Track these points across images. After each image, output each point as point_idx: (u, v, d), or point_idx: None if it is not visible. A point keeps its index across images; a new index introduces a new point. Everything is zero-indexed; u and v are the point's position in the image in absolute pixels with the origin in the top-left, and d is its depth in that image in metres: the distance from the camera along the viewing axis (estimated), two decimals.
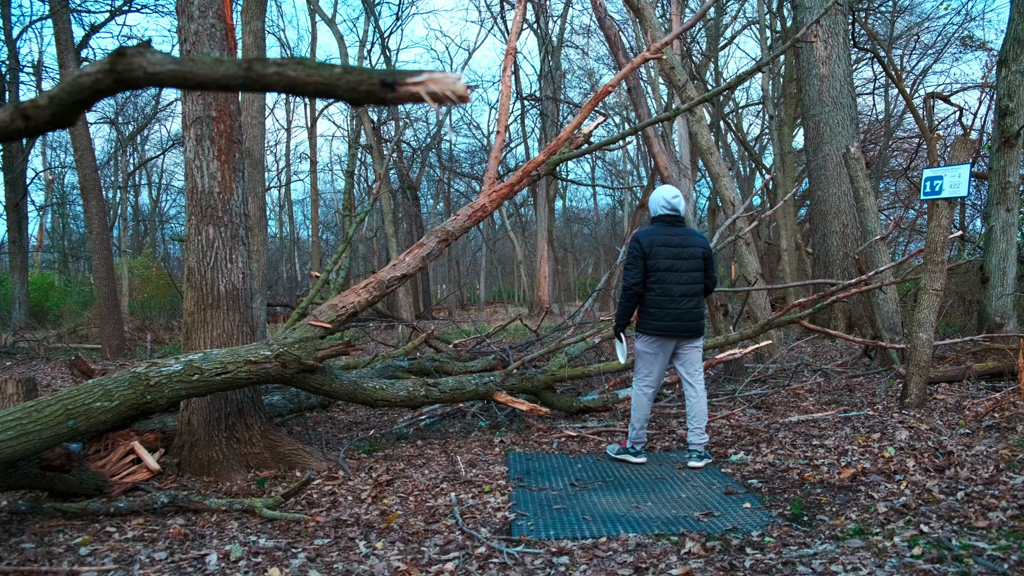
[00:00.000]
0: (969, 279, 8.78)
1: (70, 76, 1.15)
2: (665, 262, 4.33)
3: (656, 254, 4.32)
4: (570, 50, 25.37)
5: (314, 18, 22.33)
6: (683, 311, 4.33)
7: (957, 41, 16.26)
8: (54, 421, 3.30)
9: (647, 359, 4.42)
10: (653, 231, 4.37)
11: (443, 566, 2.86)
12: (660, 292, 4.32)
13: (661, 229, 4.38)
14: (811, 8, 10.43)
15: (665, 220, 4.41)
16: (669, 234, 4.36)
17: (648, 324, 4.36)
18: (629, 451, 4.44)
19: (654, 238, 4.34)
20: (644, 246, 4.33)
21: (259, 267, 7.12)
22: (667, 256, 4.33)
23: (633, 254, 4.37)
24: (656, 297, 4.32)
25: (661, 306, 4.31)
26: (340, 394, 4.49)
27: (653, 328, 4.34)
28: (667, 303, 4.31)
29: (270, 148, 28.96)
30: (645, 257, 4.33)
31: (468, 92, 1.06)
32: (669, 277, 4.31)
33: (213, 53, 4.38)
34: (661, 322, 4.32)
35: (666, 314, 4.31)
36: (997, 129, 7.30)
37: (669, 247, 4.34)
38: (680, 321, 4.32)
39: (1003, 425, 4.44)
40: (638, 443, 4.46)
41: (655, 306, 4.33)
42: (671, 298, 4.31)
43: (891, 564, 2.71)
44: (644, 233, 4.39)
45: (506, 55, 5.68)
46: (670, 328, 4.33)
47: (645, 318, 4.37)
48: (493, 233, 33.27)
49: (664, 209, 4.42)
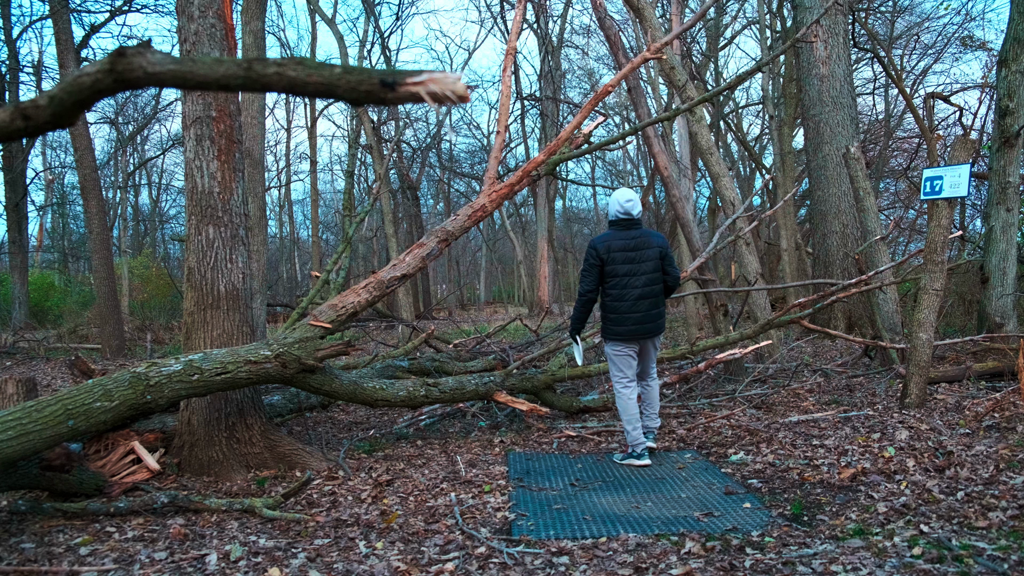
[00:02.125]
0: (969, 279, 8.78)
1: (70, 76, 1.15)
2: (623, 267, 4.36)
3: (614, 259, 4.35)
4: (570, 50, 25.37)
5: (314, 18, 22.33)
6: (642, 314, 4.37)
7: (957, 41, 16.26)
8: (54, 421, 3.30)
9: (618, 361, 4.46)
10: (609, 236, 4.40)
11: (443, 566, 2.86)
12: (618, 297, 4.35)
13: (617, 234, 4.40)
14: (811, 8, 10.42)
15: (621, 224, 4.42)
16: (625, 238, 4.38)
17: (611, 330, 4.41)
18: (632, 455, 4.41)
19: (611, 243, 4.36)
20: (601, 252, 4.36)
21: (259, 267, 7.12)
22: (624, 260, 4.36)
23: (589, 262, 4.41)
24: (615, 302, 4.36)
25: (621, 311, 4.35)
26: (340, 394, 4.49)
27: (617, 333, 4.40)
28: (626, 308, 4.34)
29: (270, 148, 28.97)
30: (603, 264, 4.36)
31: (468, 92, 1.06)
32: (628, 281, 4.34)
33: (213, 53, 4.38)
34: (623, 326, 4.37)
35: (626, 318, 4.35)
36: (997, 129, 7.30)
37: (626, 251, 4.36)
38: (640, 324, 4.37)
39: (1003, 425, 4.44)
40: (637, 445, 4.42)
41: (615, 311, 4.37)
42: (630, 302, 4.34)
43: (891, 564, 2.71)
44: (600, 240, 4.41)
45: (506, 55, 5.68)
46: (633, 332, 4.38)
47: (608, 324, 4.41)
48: (493, 233, 33.28)
49: (619, 214, 4.43)
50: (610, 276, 4.34)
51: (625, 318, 4.35)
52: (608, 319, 4.41)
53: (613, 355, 4.48)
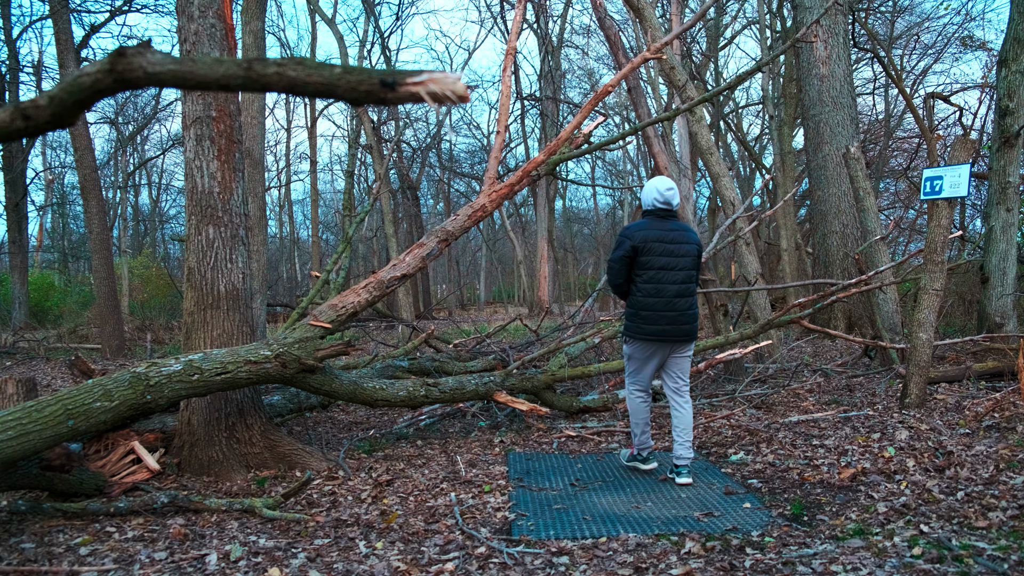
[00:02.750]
0: (969, 279, 8.78)
1: (70, 76, 1.15)
2: (660, 259, 3.96)
3: (650, 250, 3.94)
4: (570, 50, 25.38)
5: (314, 18, 22.34)
6: (678, 313, 3.96)
7: (957, 41, 16.26)
8: (54, 421, 3.30)
9: (637, 363, 4.14)
10: (645, 225, 4.00)
11: (443, 566, 2.86)
12: (653, 292, 3.94)
13: (654, 224, 4.01)
14: (811, 8, 10.42)
15: (658, 214, 4.04)
16: (663, 229, 3.99)
17: (640, 329, 3.99)
18: (637, 459, 4.22)
19: (647, 233, 3.97)
20: (636, 241, 3.94)
21: (259, 267, 7.12)
22: (662, 253, 3.96)
23: (621, 251, 3.98)
24: (648, 298, 3.95)
25: (654, 308, 3.93)
26: (340, 394, 4.49)
27: (646, 333, 3.98)
28: (661, 305, 3.93)
29: (270, 148, 28.97)
30: (636, 254, 3.96)
31: (468, 92, 1.06)
32: (664, 276, 3.94)
33: (213, 53, 4.38)
34: (655, 325, 3.95)
35: (660, 317, 3.93)
36: (997, 129, 7.30)
37: (664, 243, 3.96)
38: (675, 324, 3.96)
39: (1003, 425, 4.44)
40: (643, 448, 4.21)
41: (647, 308, 3.95)
42: (666, 299, 3.94)
43: (891, 564, 2.71)
44: (636, 228, 4.00)
45: (506, 55, 5.68)
46: (664, 332, 3.97)
47: (636, 322, 4.00)
48: (493, 233, 33.28)
49: (657, 203, 4.04)
50: (644, 268, 3.93)
51: (659, 316, 3.93)
52: (638, 316, 3.97)
53: (634, 355, 4.13)
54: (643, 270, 3.95)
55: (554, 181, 20.98)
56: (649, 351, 4.05)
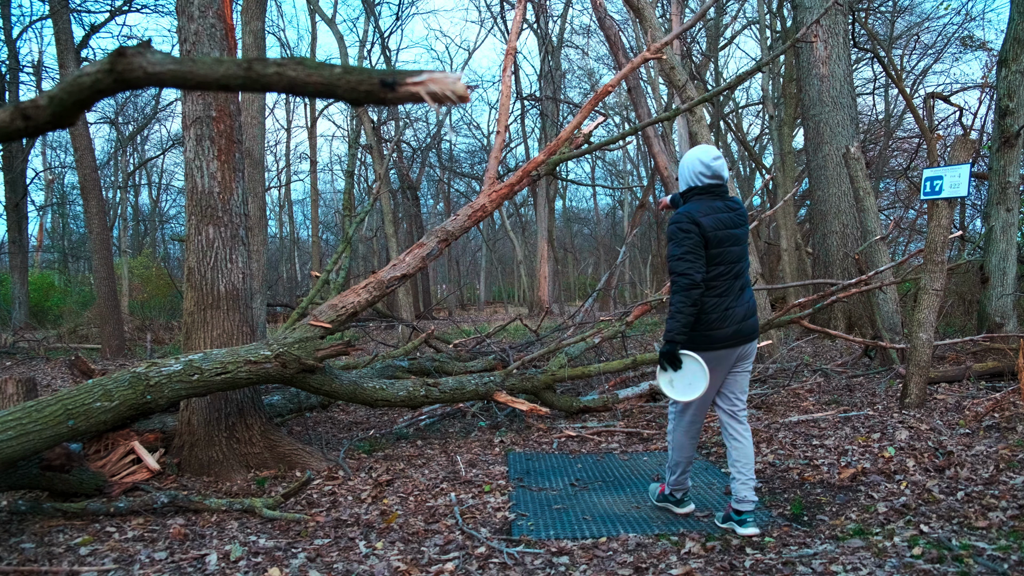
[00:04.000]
0: (969, 279, 8.78)
1: (70, 76, 1.15)
2: (733, 250, 3.24)
3: (720, 239, 3.18)
4: (570, 50, 25.39)
5: (314, 18, 22.33)
6: (747, 306, 3.29)
7: (957, 41, 16.26)
8: (54, 421, 3.30)
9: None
10: (703, 208, 3.20)
11: (443, 566, 2.86)
12: (724, 289, 3.22)
13: (710, 205, 3.22)
14: (811, 8, 10.42)
15: (712, 192, 3.26)
16: (724, 211, 3.24)
17: (709, 337, 3.20)
18: (670, 499, 3.55)
19: (715, 216, 3.19)
20: (707, 229, 3.15)
21: (259, 267, 7.12)
22: (732, 241, 3.23)
23: (691, 241, 3.14)
24: (718, 297, 3.20)
25: (724, 307, 3.21)
26: (340, 394, 4.49)
27: (716, 340, 3.20)
28: (731, 302, 3.22)
29: (270, 148, 28.97)
30: (706, 246, 3.17)
31: (468, 92, 1.06)
32: (734, 269, 3.25)
33: (213, 53, 4.38)
34: (726, 327, 3.20)
35: (731, 315, 3.21)
36: (997, 129, 7.30)
37: (730, 229, 3.23)
38: (746, 319, 3.26)
39: (1003, 425, 4.44)
40: (679, 489, 3.53)
41: (716, 308, 3.20)
42: (735, 294, 3.25)
43: (891, 564, 2.71)
44: (696, 212, 3.19)
45: (506, 55, 5.68)
46: (739, 333, 3.23)
47: (702, 329, 3.20)
48: (493, 233, 33.28)
49: (704, 177, 3.26)
50: (713, 264, 3.18)
51: (729, 315, 3.21)
52: (706, 322, 3.20)
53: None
54: (712, 266, 3.19)
55: (554, 181, 20.98)
56: (714, 364, 3.23)
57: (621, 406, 5.73)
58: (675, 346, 3.15)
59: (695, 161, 3.28)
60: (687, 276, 3.13)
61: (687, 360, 3.15)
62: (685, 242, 3.16)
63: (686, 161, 3.34)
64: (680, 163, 3.37)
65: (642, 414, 5.71)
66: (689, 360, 3.14)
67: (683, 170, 3.35)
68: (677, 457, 3.48)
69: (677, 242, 3.18)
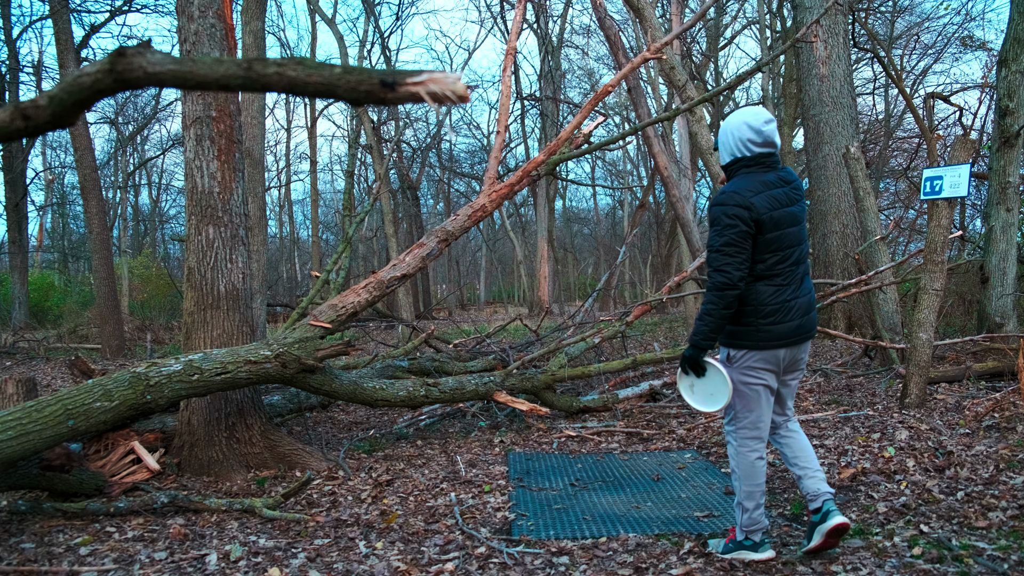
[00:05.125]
0: (969, 279, 8.78)
1: (70, 76, 1.15)
2: (791, 232, 2.72)
3: (777, 222, 2.68)
4: (570, 50, 25.39)
5: (314, 18, 22.34)
6: (807, 299, 2.80)
7: (957, 41, 16.26)
8: (54, 421, 3.30)
9: (754, 393, 2.78)
10: (754, 185, 2.68)
11: (443, 566, 2.86)
12: (782, 279, 2.72)
13: (762, 180, 2.70)
14: (811, 8, 10.42)
15: (763, 163, 2.74)
16: (774, 184, 2.72)
17: (764, 333, 2.71)
18: (744, 544, 2.85)
19: (766, 199, 2.67)
20: (760, 211, 2.64)
21: (259, 267, 7.12)
22: (790, 222, 2.72)
23: (736, 229, 2.64)
24: (775, 287, 2.71)
25: (787, 299, 2.72)
26: (340, 394, 4.49)
27: (776, 337, 2.71)
28: (789, 294, 2.73)
29: (270, 148, 28.98)
30: (760, 231, 2.66)
31: (468, 92, 1.06)
32: (792, 254, 2.73)
33: (213, 53, 4.38)
34: (785, 323, 2.72)
35: (790, 308, 2.72)
36: (997, 129, 7.30)
37: (786, 208, 2.71)
38: (807, 314, 2.78)
39: (1003, 425, 4.44)
40: (755, 529, 2.83)
41: (774, 301, 2.70)
42: (795, 286, 2.75)
43: (891, 564, 2.71)
44: (746, 190, 2.66)
45: (506, 55, 5.68)
46: (800, 329, 2.76)
47: (759, 325, 2.71)
48: (493, 233, 33.28)
49: (755, 146, 2.72)
50: (770, 250, 2.68)
51: (792, 307, 2.72)
52: (763, 315, 2.70)
53: (750, 383, 2.77)
54: (769, 253, 2.69)
55: (554, 181, 20.98)
56: (771, 365, 2.76)
57: (621, 406, 5.73)
58: (699, 352, 2.74)
59: (741, 126, 2.71)
60: (724, 273, 2.65)
61: (711, 369, 2.77)
62: (728, 231, 2.64)
63: (730, 127, 2.76)
64: (721, 130, 2.81)
65: (642, 414, 5.71)
66: (713, 369, 2.77)
67: (726, 137, 2.77)
68: (746, 487, 2.82)
69: (719, 230, 2.66)
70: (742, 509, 2.83)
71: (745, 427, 2.81)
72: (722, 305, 2.66)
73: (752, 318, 2.71)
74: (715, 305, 2.67)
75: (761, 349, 2.72)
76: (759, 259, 2.69)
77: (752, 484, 2.81)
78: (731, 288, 2.64)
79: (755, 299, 2.70)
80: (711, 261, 2.69)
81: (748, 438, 2.81)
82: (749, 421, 2.80)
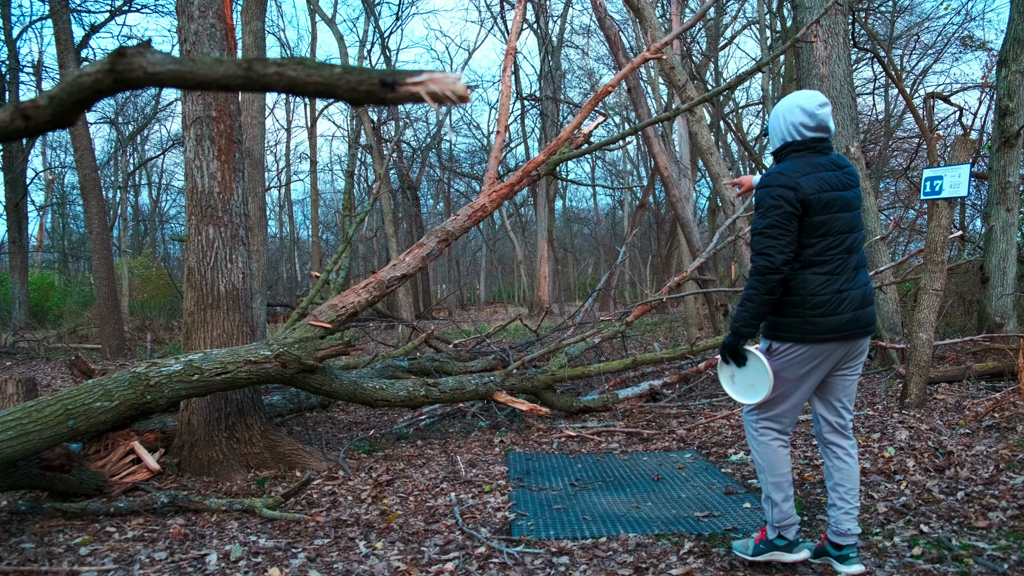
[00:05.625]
0: (969, 279, 8.78)
1: (70, 76, 1.15)
2: (840, 218, 2.60)
3: (826, 205, 2.56)
4: (570, 50, 25.39)
5: (314, 18, 22.34)
6: (863, 291, 2.65)
7: (957, 41, 16.25)
8: (54, 421, 3.30)
9: (788, 383, 2.66)
10: (803, 166, 2.59)
11: (443, 566, 2.87)
12: (833, 267, 2.58)
13: (812, 163, 2.61)
14: (811, 8, 10.41)
15: (814, 147, 2.64)
16: (825, 167, 2.61)
17: (815, 325, 2.57)
18: (776, 544, 2.71)
19: (814, 180, 2.56)
20: (807, 193, 2.53)
21: (259, 267, 7.12)
22: (842, 207, 2.60)
23: (781, 211, 2.54)
24: (825, 276, 2.58)
25: (835, 289, 2.58)
26: (340, 394, 4.49)
27: (828, 329, 2.57)
28: (842, 284, 2.59)
29: (270, 148, 28.99)
30: (807, 212, 2.55)
31: (468, 92, 1.06)
32: (844, 241, 2.61)
33: (213, 53, 4.38)
34: (838, 315, 2.57)
35: (844, 300, 2.58)
36: (997, 129, 7.30)
37: (837, 191, 2.60)
38: (862, 307, 2.63)
39: (1003, 425, 4.44)
40: (787, 525, 2.70)
41: (824, 291, 2.57)
42: (848, 274, 2.61)
43: (891, 564, 2.71)
44: (796, 171, 2.57)
45: (506, 55, 5.68)
46: (853, 323, 2.60)
47: (805, 315, 2.58)
48: (493, 233, 33.29)
49: (806, 129, 2.63)
50: (818, 234, 2.57)
51: (845, 298, 2.58)
52: (811, 306, 2.57)
53: (789, 377, 2.64)
54: (817, 237, 2.57)
55: (554, 181, 20.99)
56: (817, 361, 2.62)
57: (621, 406, 5.73)
58: (739, 339, 2.64)
59: (794, 110, 2.63)
60: (766, 256, 2.54)
61: (752, 358, 2.65)
62: (771, 212, 2.54)
63: (782, 111, 2.67)
64: (773, 114, 2.73)
65: (642, 414, 5.71)
66: (754, 358, 2.64)
67: (777, 122, 2.69)
68: (772, 477, 2.70)
69: (763, 212, 2.57)
70: (771, 503, 2.70)
71: (768, 417, 2.71)
72: (764, 290, 2.56)
73: (799, 308, 2.58)
74: (756, 290, 2.57)
75: (808, 343, 2.58)
76: (806, 243, 2.57)
77: (778, 474, 2.69)
78: (774, 272, 2.54)
79: (802, 288, 2.57)
80: (753, 244, 2.60)
81: (771, 428, 2.72)
82: (775, 413, 2.70)
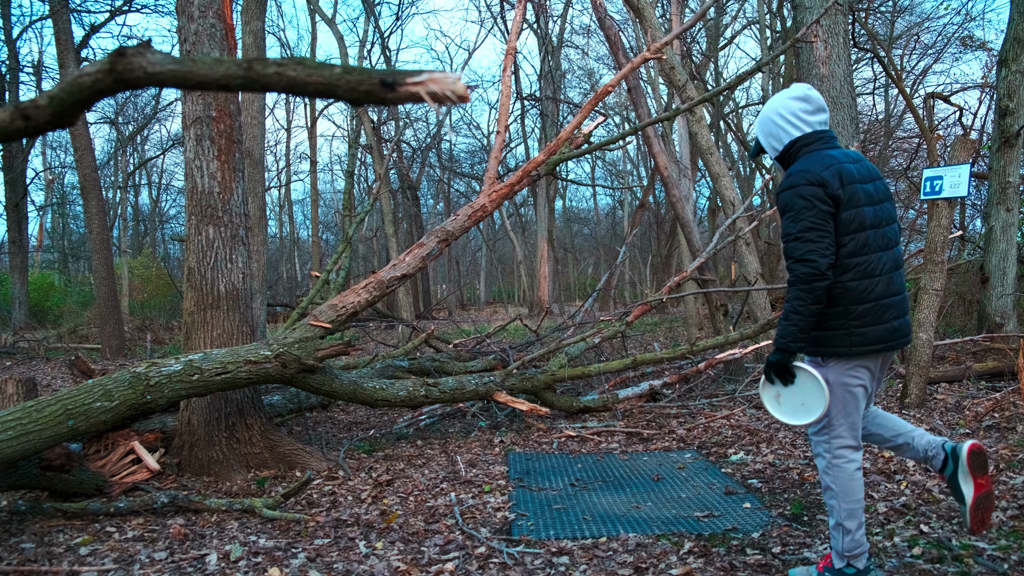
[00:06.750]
0: (969, 279, 8.78)
1: (70, 76, 1.15)
2: (868, 212, 2.39)
3: (853, 199, 2.37)
4: (570, 50, 25.38)
5: (314, 18, 22.34)
6: (901, 296, 2.46)
7: (957, 41, 16.25)
8: (54, 421, 3.30)
9: (847, 397, 2.44)
10: (823, 160, 2.39)
11: (443, 566, 2.86)
12: (867, 270, 2.38)
13: (828, 155, 2.42)
14: (811, 8, 10.41)
15: (822, 138, 2.48)
16: (840, 160, 2.42)
17: (860, 336, 2.38)
18: (845, 573, 2.47)
19: (838, 171, 2.36)
20: (833, 187, 2.34)
21: (259, 267, 7.12)
22: (868, 199, 2.41)
23: (814, 212, 2.34)
24: (862, 280, 2.38)
25: (873, 296, 2.38)
26: (340, 394, 4.49)
27: (872, 340, 2.38)
28: (881, 289, 2.39)
29: (270, 148, 28.98)
30: (839, 207, 2.36)
31: (468, 92, 1.06)
32: (876, 239, 2.40)
33: (213, 53, 4.38)
34: (880, 324, 2.39)
35: (884, 308, 2.39)
36: (997, 129, 7.30)
37: (862, 184, 2.41)
38: (903, 315, 2.45)
39: (1003, 425, 4.44)
40: (858, 554, 2.46)
41: (864, 297, 2.38)
42: (885, 278, 2.40)
43: (891, 564, 2.71)
44: (819, 165, 2.37)
45: (506, 55, 5.68)
46: (896, 332, 2.42)
47: (849, 327, 2.39)
48: (493, 233, 33.28)
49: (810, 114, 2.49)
50: (850, 232, 2.37)
51: (882, 308, 2.39)
52: (853, 316, 2.38)
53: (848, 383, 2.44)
54: (847, 235, 2.37)
55: (554, 181, 20.99)
56: (867, 371, 2.45)
57: (621, 406, 5.73)
58: (787, 356, 2.41)
59: (786, 102, 2.48)
60: (808, 262, 2.31)
61: (803, 374, 2.41)
62: (805, 214, 2.32)
63: (773, 111, 2.51)
64: (761, 122, 2.57)
65: (642, 414, 5.71)
66: (805, 375, 2.41)
67: (771, 126, 2.52)
68: (846, 504, 2.45)
69: (794, 215, 2.34)
70: (843, 531, 2.45)
71: (840, 435, 2.45)
72: (811, 300, 2.32)
73: (842, 320, 2.38)
74: (803, 301, 2.33)
75: (854, 356, 2.39)
76: (839, 242, 2.37)
77: (853, 500, 2.44)
78: (819, 279, 2.31)
79: (843, 297, 2.37)
80: (790, 251, 2.36)
81: (844, 447, 2.46)
82: (845, 427, 2.45)
